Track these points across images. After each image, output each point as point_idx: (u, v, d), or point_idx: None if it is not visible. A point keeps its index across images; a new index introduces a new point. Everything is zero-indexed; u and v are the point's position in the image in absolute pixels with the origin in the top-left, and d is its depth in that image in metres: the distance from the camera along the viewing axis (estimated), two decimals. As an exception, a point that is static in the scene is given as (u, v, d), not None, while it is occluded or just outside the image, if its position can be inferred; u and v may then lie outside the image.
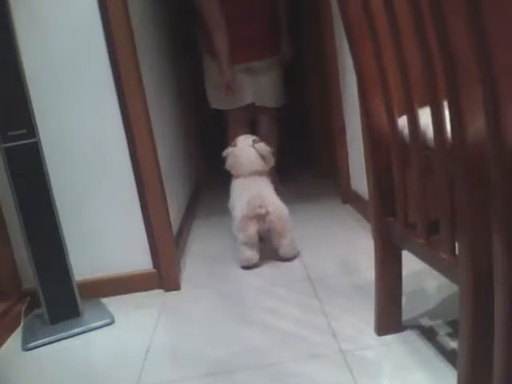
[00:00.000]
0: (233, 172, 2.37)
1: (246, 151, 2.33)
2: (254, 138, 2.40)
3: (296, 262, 2.10)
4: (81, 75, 1.85)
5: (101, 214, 1.96)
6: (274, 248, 2.15)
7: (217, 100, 3.12)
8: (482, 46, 0.69)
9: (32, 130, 1.63)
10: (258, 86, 3.05)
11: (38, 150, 1.65)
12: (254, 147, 2.33)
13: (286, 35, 3.09)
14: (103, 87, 1.87)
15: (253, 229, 2.09)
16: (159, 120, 2.40)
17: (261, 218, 2.08)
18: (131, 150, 1.92)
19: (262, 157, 2.32)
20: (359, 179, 2.57)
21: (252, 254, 2.12)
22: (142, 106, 1.89)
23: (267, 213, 2.07)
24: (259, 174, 2.32)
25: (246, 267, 2.14)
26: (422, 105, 1.03)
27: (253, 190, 2.18)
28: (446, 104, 0.88)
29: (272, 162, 2.38)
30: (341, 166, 2.89)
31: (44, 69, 1.82)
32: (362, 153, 2.32)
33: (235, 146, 2.38)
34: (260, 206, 2.07)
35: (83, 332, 1.72)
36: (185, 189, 3.10)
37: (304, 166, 4.17)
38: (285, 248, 2.13)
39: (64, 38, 1.82)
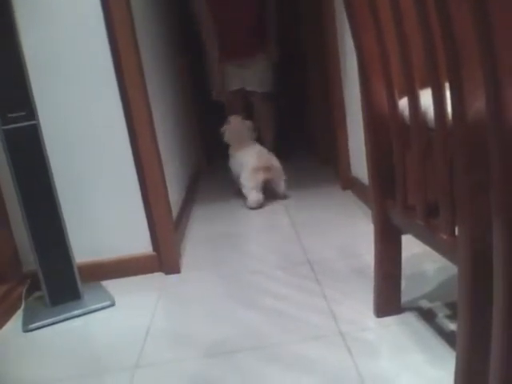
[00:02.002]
0: (230, 142, 3.10)
1: (240, 126, 3.11)
2: (241, 117, 3.18)
3: (296, 246, 2.11)
4: (81, 59, 1.85)
5: (101, 197, 1.97)
6: (274, 190, 2.92)
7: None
8: (484, 26, 0.68)
9: (31, 112, 1.63)
10: (246, 76, 3.57)
11: (38, 132, 1.64)
12: (243, 123, 3.12)
13: (274, 39, 3.57)
14: (103, 72, 1.86)
15: (261, 177, 2.80)
16: (159, 105, 2.39)
17: (267, 168, 2.81)
18: (131, 135, 1.91)
19: (249, 130, 3.12)
20: (359, 165, 2.57)
21: (259, 196, 2.82)
22: (142, 91, 1.89)
23: (271, 165, 2.83)
24: (250, 142, 3.05)
25: (254, 208, 2.81)
26: (423, 87, 1.03)
27: (256, 149, 2.95)
28: (446, 86, 0.88)
29: (254, 134, 3.14)
30: (341, 151, 2.88)
31: (44, 53, 1.81)
32: (363, 138, 2.31)
33: (229, 124, 3.12)
34: (268, 159, 2.85)
35: (83, 314, 1.73)
36: (184, 174, 3.10)
37: (304, 153, 4.17)
38: (282, 188, 2.91)
39: (64, 22, 1.81)
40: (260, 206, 2.82)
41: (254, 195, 2.80)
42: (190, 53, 4.03)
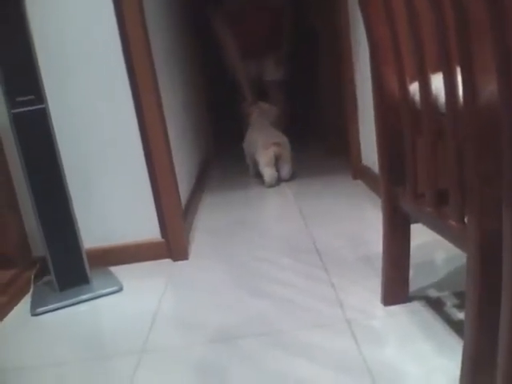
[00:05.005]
0: (254, 121, 3.36)
1: (269, 109, 3.43)
2: (268, 103, 3.52)
3: (304, 234, 2.10)
4: (89, 42, 1.84)
5: (110, 183, 1.97)
6: (277, 171, 3.04)
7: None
8: (496, 7, 0.66)
9: (40, 96, 1.62)
10: (261, 69, 4.03)
11: (46, 116, 1.64)
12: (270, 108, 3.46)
13: (288, 45, 3.94)
14: (112, 61, 1.85)
15: (271, 152, 2.98)
16: (169, 91, 2.38)
17: (277, 145, 3.01)
18: (140, 122, 1.91)
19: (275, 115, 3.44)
20: (370, 154, 2.55)
21: (272, 171, 3.00)
22: (152, 80, 1.88)
23: (280, 143, 3.03)
24: (269, 126, 3.32)
25: (271, 186, 2.99)
26: (434, 72, 1.01)
27: (269, 128, 3.23)
28: (458, 71, 0.86)
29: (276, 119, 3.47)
30: (352, 141, 2.86)
31: (52, 36, 1.81)
32: (373, 128, 2.29)
33: (258, 107, 3.42)
34: (277, 136, 3.10)
35: (91, 299, 1.74)
36: (193, 163, 3.09)
37: (315, 142, 4.15)
38: (285, 171, 3.06)
39: (73, 5, 1.80)
40: (276, 183, 3.00)
41: (268, 171, 2.98)
42: (201, 40, 4.03)
